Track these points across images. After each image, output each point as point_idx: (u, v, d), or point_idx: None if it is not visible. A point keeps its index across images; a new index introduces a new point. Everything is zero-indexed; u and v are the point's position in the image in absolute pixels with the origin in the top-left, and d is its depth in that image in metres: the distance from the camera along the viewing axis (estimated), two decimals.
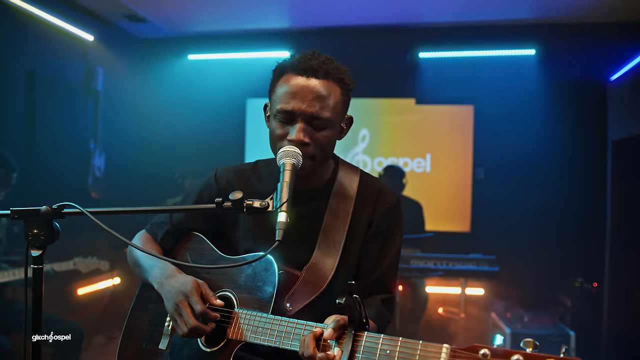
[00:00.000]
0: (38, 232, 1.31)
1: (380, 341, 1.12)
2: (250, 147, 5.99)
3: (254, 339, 1.35)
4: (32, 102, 4.65)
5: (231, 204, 1.28)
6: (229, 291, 1.50)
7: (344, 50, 5.69)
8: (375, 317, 1.50)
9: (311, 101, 1.42)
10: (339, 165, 1.66)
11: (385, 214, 1.61)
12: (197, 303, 1.37)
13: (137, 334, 1.64)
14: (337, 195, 1.60)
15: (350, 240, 1.56)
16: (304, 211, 1.58)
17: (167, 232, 1.72)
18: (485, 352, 0.98)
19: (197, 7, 5.18)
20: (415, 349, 1.07)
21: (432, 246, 4.96)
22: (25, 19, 4.41)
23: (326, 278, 1.50)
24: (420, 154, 5.68)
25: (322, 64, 1.45)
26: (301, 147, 1.42)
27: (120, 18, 5.43)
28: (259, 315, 1.37)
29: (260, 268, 1.45)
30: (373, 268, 1.58)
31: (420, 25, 5.46)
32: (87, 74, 5.27)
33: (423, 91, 5.57)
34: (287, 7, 5.33)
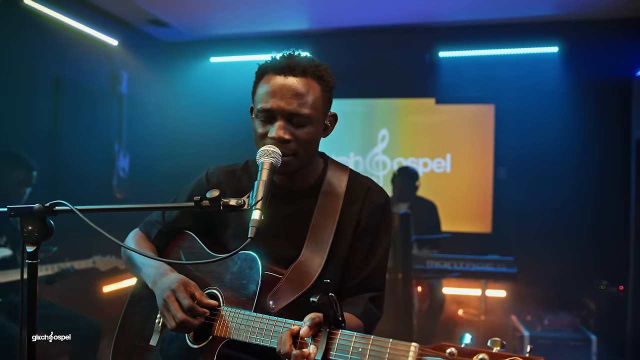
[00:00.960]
0: (32, 229, 1.36)
1: (354, 339, 1.14)
2: None
3: (236, 336, 1.38)
4: (58, 106, 4.81)
5: (209, 202, 1.31)
6: (216, 289, 1.54)
7: (363, 51, 5.71)
8: (362, 315, 1.51)
9: (289, 99, 1.44)
10: (328, 165, 1.68)
11: (374, 213, 1.61)
12: (185, 298, 1.41)
13: (130, 331, 1.69)
14: (326, 194, 1.61)
15: (338, 239, 1.57)
16: (293, 210, 1.61)
17: (160, 231, 1.76)
18: (451, 350, 0.99)
19: (218, 10, 5.27)
20: (386, 347, 1.08)
21: (452, 247, 4.92)
22: (52, 26, 4.56)
23: (312, 276, 1.52)
24: (440, 154, 5.63)
25: (300, 62, 1.48)
26: (282, 144, 1.45)
27: (143, 23, 5.56)
28: (242, 313, 1.40)
29: (245, 266, 1.48)
30: (361, 266, 1.59)
31: (439, 24, 5.41)
32: (112, 77, 5.42)
33: (443, 91, 5.52)
34: (307, 8, 5.36)
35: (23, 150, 4.08)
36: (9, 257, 3.28)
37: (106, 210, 1.45)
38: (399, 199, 5.03)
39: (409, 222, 4.20)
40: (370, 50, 5.68)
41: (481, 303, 5.07)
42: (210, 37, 6.00)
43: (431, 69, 5.47)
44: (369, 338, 1.12)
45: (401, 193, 5.04)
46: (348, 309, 1.51)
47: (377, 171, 5.80)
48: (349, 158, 5.87)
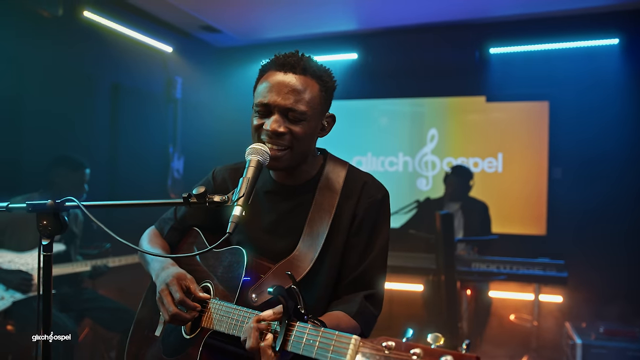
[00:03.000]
0: (47, 223, 1.45)
1: (307, 331, 1.15)
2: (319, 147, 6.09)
3: (218, 327, 1.43)
4: (116, 111, 5.10)
5: (196, 198, 1.36)
6: (210, 282, 1.59)
7: (412, 50, 5.66)
8: (357, 314, 1.50)
9: (286, 94, 1.46)
10: (327, 161, 1.68)
11: (370, 208, 1.60)
12: (177, 292, 1.47)
13: (142, 322, 1.77)
14: (323, 189, 1.62)
15: (334, 234, 1.57)
16: (291, 205, 1.63)
17: (172, 227, 1.83)
18: (388, 344, 0.98)
19: (267, 15, 5.39)
20: (332, 338, 1.09)
21: (503, 249, 4.75)
22: (110, 36, 4.84)
23: (303, 270, 1.53)
24: (492, 153, 5.45)
25: (300, 61, 1.50)
26: (277, 137, 1.47)
27: (196, 29, 5.78)
28: (225, 305, 1.44)
29: (234, 260, 1.53)
30: (357, 263, 1.58)
31: (489, 20, 5.25)
32: (167, 83, 5.68)
33: (494, 88, 5.35)
34: (354, 9, 5.36)
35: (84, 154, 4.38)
36: (62, 252, 3.50)
37: (109, 206, 1.54)
38: (451, 198, 4.92)
39: (451, 223, 4.11)
40: (418, 49, 5.61)
41: (534, 308, 4.86)
42: (260, 41, 6.13)
43: (481, 66, 5.32)
44: (319, 330, 1.13)
45: (453, 192, 4.92)
46: (342, 307, 1.52)
47: (426, 171, 5.70)
48: (397, 158, 5.81)
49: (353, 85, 5.87)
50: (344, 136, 6.07)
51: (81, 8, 4.46)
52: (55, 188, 3.52)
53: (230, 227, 1.28)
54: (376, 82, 5.86)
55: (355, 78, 5.82)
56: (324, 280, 1.57)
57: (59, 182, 3.54)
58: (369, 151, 5.91)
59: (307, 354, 1.13)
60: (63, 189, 3.52)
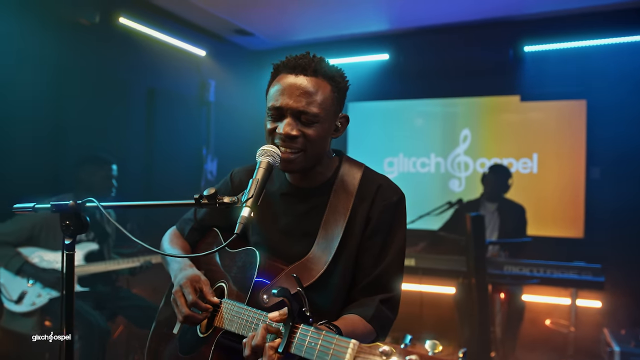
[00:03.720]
0: (69, 223, 1.49)
1: (309, 334, 1.16)
2: (352, 150, 6.09)
3: (229, 327, 1.45)
4: (151, 114, 5.24)
5: (207, 199, 1.38)
6: (224, 282, 1.61)
7: (444, 49, 5.58)
8: (373, 318, 1.49)
9: (298, 97, 1.46)
10: (342, 162, 1.67)
11: (385, 211, 1.58)
12: (190, 294, 1.49)
13: (163, 320, 1.82)
14: (338, 191, 1.61)
15: (348, 237, 1.56)
16: (306, 208, 1.63)
17: (192, 228, 1.87)
18: (384, 349, 0.98)
19: (298, 17, 5.42)
20: (332, 342, 1.09)
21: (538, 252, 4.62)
22: (145, 41, 4.97)
23: (316, 273, 1.53)
24: (526, 154, 5.32)
25: (311, 63, 1.50)
26: (290, 140, 1.47)
27: (229, 33, 5.87)
28: (236, 305, 1.46)
29: (247, 261, 1.54)
30: (372, 267, 1.57)
31: (523, 17, 5.13)
32: (200, 86, 5.79)
33: (528, 87, 5.23)
34: (386, 9, 5.32)
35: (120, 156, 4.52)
36: (96, 251, 3.62)
37: (125, 206, 1.58)
38: (488, 198, 4.83)
39: (482, 225, 4.03)
40: (450, 48, 5.54)
41: (571, 313, 4.72)
42: (292, 43, 6.18)
43: (515, 64, 5.20)
44: (320, 333, 1.13)
45: (491, 192, 4.83)
46: (358, 311, 1.51)
47: (459, 172, 5.62)
48: (429, 159, 5.75)
49: (384, 86, 5.85)
50: (375, 137, 6.05)
51: (117, 15, 4.60)
52: (83, 186, 3.62)
53: (237, 228, 1.28)
54: (408, 83, 5.82)
55: (386, 79, 5.80)
56: (338, 283, 1.57)
57: (86, 179, 3.64)
58: (400, 152, 5.87)
59: (309, 357, 1.13)
60: (91, 187, 3.63)
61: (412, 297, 4.91)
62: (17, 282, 3.33)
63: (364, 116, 6.11)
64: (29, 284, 3.34)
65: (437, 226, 5.09)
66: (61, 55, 4.17)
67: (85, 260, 3.56)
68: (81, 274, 3.49)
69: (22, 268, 3.31)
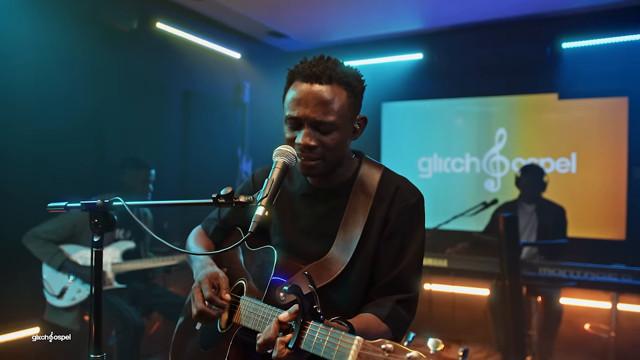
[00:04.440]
0: (97, 221, 1.56)
1: (318, 331, 1.18)
2: (385, 149, 6.08)
3: (246, 324, 1.49)
4: (187, 116, 5.38)
5: (224, 199, 1.43)
6: (244, 280, 1.66)
7: (479, 48, 5.50)
8: (388, 318, 1.50)
9: (314, 107, 1.47)
10: (362, 163, 1.68)
11: (403, 213, 1.58)
12: (207, 290, 1.53)
13: (188, 316, 1.88)
14: (357, 192, 1.62)
15: (366, 238, 1.57)
16: (326, 209, 1.65)
17: (217, 227, 1.92)
18: (388, 347, 0.99)
19: (331, 19, 5.44)
20: (338, 339, 1.11)
21: (577, 254, 4.50)
22: (181, 45, 5.11)
23: (334, 273, 1.54)
24: (565, 153, 5.18)
25: (326, 70, 1.49)
26: (309, 150, 1.50)
27: (264, 35, 5.95)
28: (253, 302, 1.50)
29: (265, 260, 1.58)
30: (390, 268, 1.57)
31: (561, 13, 4.99)
32: (235, 88, 5.90)
33: (566, 85, 5.09)
34: (419, 8, 5.29)
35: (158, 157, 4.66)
36: (133, 249, 3.75)
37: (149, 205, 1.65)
38: (526, 200, 4.74)
39: (515, 226, 3.96)
40: (485, 46, 5.45)
41: (611, 318, 4.56)
42: (326, 44, 6.21)
43: (553, 62, 5.07)
44: (328, 330, 1.15)
45: (527, 193, 4.73)
46: (374, 310, 1.52)
47: (495, 172, 5.52)
48: (464, 159, 5.67)
49: (418, 85, 5.82)
50: (409, 137, 6.02)
51: (154, 20, 4.74)
52: (123, 188, 3.78)
53: (252, 227, 1.32)
54: (442, 82, 5.76)
55: (420, 78, 5.76)
56: (356, 282, 1.58)
57: (126, 181, 3.81)
58: (434, 152, 5.82)
59: (317, 353, 1.16)
60: (130, 189, 3.78)
61: (445, 299, 4.87)
62: (59, 278, 3.48)
63: (397, 116, 6.09)
64: (70, 280, 3.48)
65: (472, 227, 5.03)
66: (101, 60, 4.34)
67: (122, 258, 3.69)
68: (118, 271, 3.62)
69: (64, 265, 3.46)
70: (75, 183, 3.90)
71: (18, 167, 3.69)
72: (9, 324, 3.69)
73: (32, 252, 3.48)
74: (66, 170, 3.94)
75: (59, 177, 3.82)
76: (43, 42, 3.84)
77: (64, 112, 4.00)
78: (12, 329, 3.73)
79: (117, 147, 4.52)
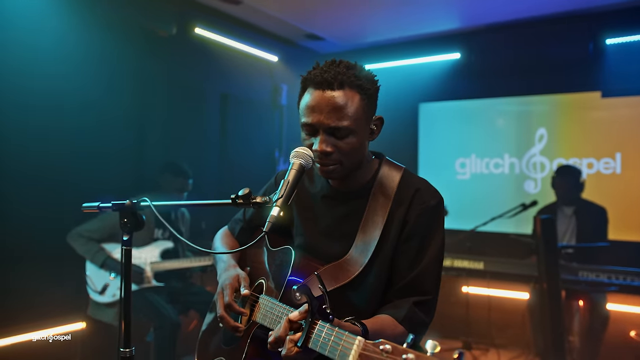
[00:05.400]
0: (127, 220, 1.62)
1: (325, 330, 1.20)
2: (423, 151, 6.03)
3: (262, 322, 1.53)
4: (225, 119, 5.49)
5: (242, 199, 1.47)
6: (264, 279, 1.70)
7: (518, 46, 5.40)
8: (405, 319, 1.51)
9: (328, 113, 1.49)
10: (382, 165, 1.69)
11: (422, 215, 1.58)
12: (227, 296, 1.58)
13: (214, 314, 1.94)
14: (377, 194, 1.63)
15: (385, 239, 1.58)
16: (346, 210, 1.67)
17: (242, 227, 1.97)
18: (386, 347, 1.01)
19: (367, 20, 5.45)
20: (342, 338, 1.13)
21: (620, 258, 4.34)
22: (219, 49, 5.24)
23: (352, 274, 1.56)
24: (609, 153, 5.00)
25: (337, 75, 1.50)
26: (325, 157, 1.52)
27: (300, 38, 6.01)
28: (270, 301, 1.54)
29: (284, 260, 1.62)
30: (408, 270, 1.57)
31: (604, 8, 4.82)
32: (273, 91, 5.98)
33: (610, 83, 4.91)
34: (456, 7, 5.22)
35: (196, 158, 4.78)
36: (171, 249, 3.87)
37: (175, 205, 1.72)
38: (564, 202, 4.62)
39: (553, 228, 3.86)
40: (524, 44, 5.33)
41: None
42: (362, 45, 6.22)
43: (596, 59, 4.92)
44: (334, 330, 1.18)
45: (564, 195, 4.60)
46: (390, 312, 1.53)
47: (535, 173, 5.39)
48: (503, 160, 5.56)
49: (456, 85, 5.75)
50: (446, 138, 5.95)
51: (192, 26, 4.88)
52: (161, 191, 3.89)
53: (266, 227, 1.35)
54: (480, 82, 5.67)
55: (458, 78, 5.69)
56: (374, 283, 1.59)
57: (164, 186, 3.92)
58: (472, 153, 5.73)
59: (322, 352, 1.19)
60: (167, 193, 3.89)
61: (481, 301, 4.79)
62: (101, 275, 3.64)
63: (434, 117, 6.03)
64: (111, 277, 3.63)
65: (511, 229, 4.93)
66: (142, 64, 4.50)
67: (161, 257, 3.81)
68: (157, 269, 3.74)
69: (105, 262, 3.61)
70: (116, 185, 4.06)
71: (62, 170, 3.88)
72: (56, 319, 3.89)
73: (76, 250, 3.64)
74: (107, 173, 4.12)
75: (100, 179, 3.99)
76: (86, 49, 4.02)
77: (106, 116, 4.18)
78: (59, 323, 3.92)
79: (157, 149, 4.67)
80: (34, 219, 3.69)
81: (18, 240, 3.64)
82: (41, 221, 3.70)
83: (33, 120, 3.73)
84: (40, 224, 3.70)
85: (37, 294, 3.69)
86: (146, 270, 3.67)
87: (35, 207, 3.72)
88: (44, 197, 3.78)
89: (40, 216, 3.70)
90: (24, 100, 3.69)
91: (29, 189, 3.74)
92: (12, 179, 3.65)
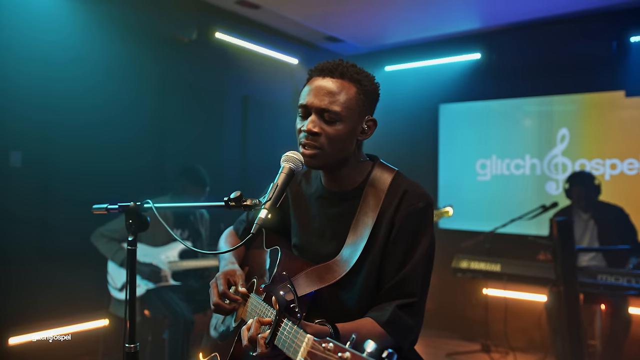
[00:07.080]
0: (132, 222, 1.68)
1: (287, 329, 1.26)
2: (443, 151, 6.00)
3: (248, 319, 1.59)
4: (246, 121, 5.59)
5: (233, 202, 1.53)
6: (256, 278, 1.77)
7: (539, 45, 5.32)
8: (387, 323, 1.52)
9: (322, 96, 1.55)
10: (375, 167, 1.71)
11: (410, 217, 1.59)
12: (221, 285, 1.65)
13: None
14: (368, 196, 1.66)
15: (373, 241, 1.60)
16: (337, 211, 1.71)
17: (245, 228, 2.03)
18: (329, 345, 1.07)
19: (386, 21, 5.45)
20: (297, 337, 1.19)
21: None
22: (240, 53, 5.33)
23: (338, 275, 1.59)
24: (633, 154, 4.88)
25: (339, 66, 1.59)
26: (311, 137, 1.56)
27: (321, 40, 6.06)
28: (255, 300, 1.60)
29: (272, 259, 1.67)
30: (394, 272, 1.59)
31: (627, 5, 4.70)
32: (293, 93, 6.04)
33: (635, 81, 4.77)
34: (476, 7, 5.19)
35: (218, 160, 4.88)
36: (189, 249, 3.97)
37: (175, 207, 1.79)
38: (580, 208, 4.55)
39: (570, 230, 3.81)
40: (545, 43, 5.25)
41: None
42: (383, 47, 6.23)
43: (619, 57, 4.80)
44: (293, 328, 1.23)
45: (581, 203, 4.53)
46: (373, 314, 1.55)
47: (557, 174, 5.30)
48: (524, 161, 5.49)
49: (476, 86, 5.70)
50: (466, 139, 5.91)
51: (213, 31, 4.99)
52: (177, 194, 3.99)
53: (254, 228, 1.41)
54: (501, 82, 5.61)
55: (478, 79, 5.64)
56: (364, 284, 1.61)
57: (181, 191, 4.00)
58: (493, 154, 5.67)
59: (282, 349, 1.25)
60: (183, 198, 3.98)
61: (497, 304, 4.75)
62: (121, 273, 3.77)
63: (454, 117, 5.99)
64: None
65: (531, 231, 4.87)
66: (164, 69, 4.64)
67: (179, 256, 3.92)
68: (175, 269, 3.85)
69: (125, 261, 3.73)
70: (138, 187, 4.20)
71: (85, 172, 4.05)
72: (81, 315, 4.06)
73: (99, 249, 3.78)
74: (130, 175, 4.25)
75: (124, 182, 4.13)
76: (108, 58, 4.18)
77: (128, 120, 4.32)
78: (83, 319, 4.09)
79: (179, 151, 4.80)
80: (61, 219, 3.92)
81: (47, 242, 3.90)
82: (70, 221, 3.92)
83: (62, 128, 3.96)
84: (67, 225, 3.93)
85: (63, 292, 3.87)
86: (164, 269, 3.78)
87: (62, 209, 3.95)
88: (71, 200, 3.98)
89: (68, 217, 3.92)
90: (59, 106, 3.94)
91: (57, 192, 3.98)
92: (42, 186, 3.92)
